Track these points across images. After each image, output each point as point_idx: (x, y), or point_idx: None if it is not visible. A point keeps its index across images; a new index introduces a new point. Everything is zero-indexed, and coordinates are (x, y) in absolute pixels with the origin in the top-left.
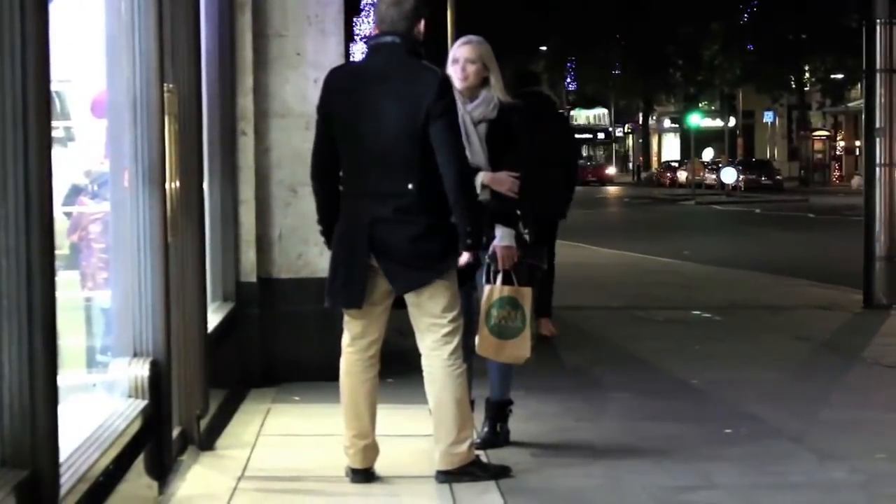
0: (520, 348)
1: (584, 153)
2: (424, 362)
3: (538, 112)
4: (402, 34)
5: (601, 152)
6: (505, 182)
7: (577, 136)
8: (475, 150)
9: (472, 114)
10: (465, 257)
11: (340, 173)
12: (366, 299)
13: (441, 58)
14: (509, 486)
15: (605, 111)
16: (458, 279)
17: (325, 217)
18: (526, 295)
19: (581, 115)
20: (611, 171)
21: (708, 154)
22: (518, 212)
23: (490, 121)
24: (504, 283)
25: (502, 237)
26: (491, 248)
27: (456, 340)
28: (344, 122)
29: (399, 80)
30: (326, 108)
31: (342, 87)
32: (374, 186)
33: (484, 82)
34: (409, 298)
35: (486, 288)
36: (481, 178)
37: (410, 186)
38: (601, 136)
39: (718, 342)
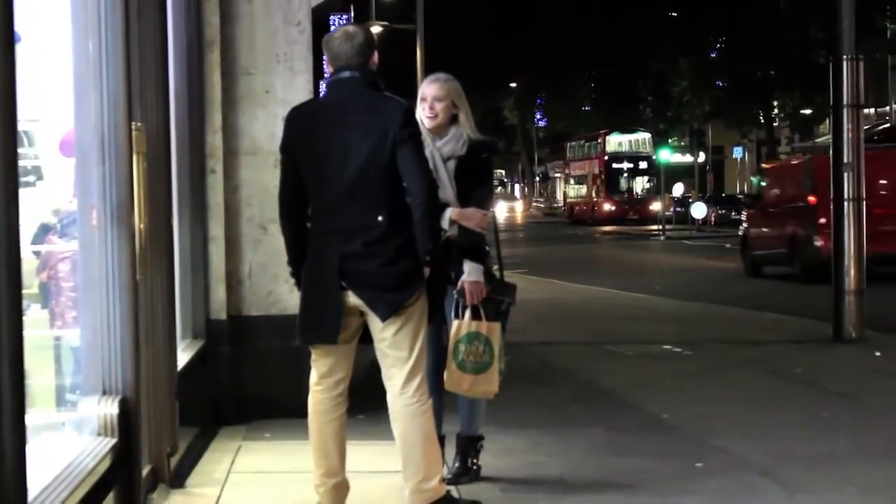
0: (487, 383)
1: (624, 185)
2: (389, 400)
3: None
4: (358, 67)
5: (644, 184)
6: (473, 217)
7: (613, 164)
8: (444, 186)
9: (441, 150)
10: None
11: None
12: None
13: (411, 94)
14: None
15: (647, 135)
16: (428, 311)
17: (295, 257)
18: (494, 330)
19: (616, 141)
20: (656, 206)
21: (678, 189)
22: (486, 247)
23: (459, 157)
24: (472, 318)
25: (470, 272)
26: (459, 284)
27: (420, 376)
28: (309, 161)
29: (362, 114)
30: (290, 148)
31: (304, 126)
32: (343, 222)
33: (453, 119)
34: (381, 332)
35: (455, 323)
36: (449, 213)
37: (380, 219)
38: (643, 164)
39: (689, 377)
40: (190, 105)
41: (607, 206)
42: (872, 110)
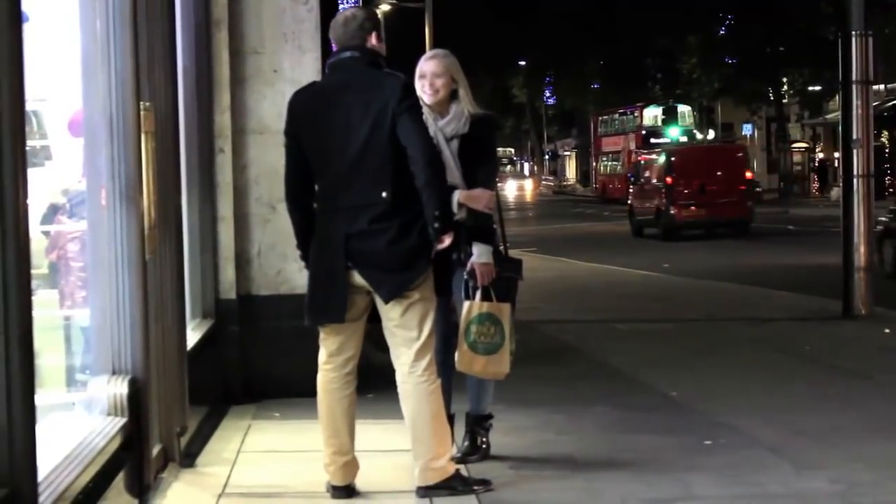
0: (499, 364)
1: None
2: (399, 379)
3: None
4: (358, 47)
5: None
6: (481, 199)
7: (651, 140)
8: (449, 168)
9: (444, 130)
10: (444, 243)
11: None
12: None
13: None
14: (490, 500)
15: (688, 108)
16: (436, 288)
17: (303, 237)
18: (505, 310)
19: (653, 115)
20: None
21: None
22: (495, 227)
23: (462, 136)
24: (483, 299)
25: (480, 254)
26: (469, 265)
27: (429, 355)
28: (312, 141)
29: (363, 91)
30: (294, 131)
31: (307, 108)
32: (348, 200)
33: (453, 95)
34: (388, 312)
35: (465, 304)
36: (457, 196)
37: (384, 195)
38: (683, 140)
39: (698, 354)
40: (198, 84)
41: None
42: (882, 86)
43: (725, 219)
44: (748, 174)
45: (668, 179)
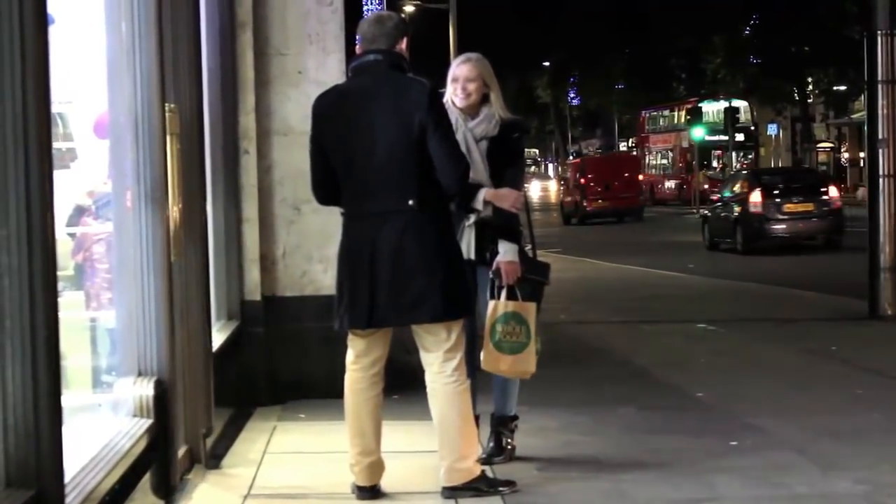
0: (525, 363)
1: (715, 164)
2: (428, 379)
3: None
4: (384, 51)
5: (740, 161)
6: (507, 198)
7: (707, 139)
8: (477, 167)
9: (473, 131)
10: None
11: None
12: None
13: (443, 75)
14: (515, 501)
15: (745, 104)
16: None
17: None
18: (530, 310)
19: (710, 110)
20: None
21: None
22: (520, 227)
23: (492, 138)
24: (508, 298)
25: (505, 252)
26: (495, 264)
27: (459, 356)
28: (338, 147)
29: (387, 96)
30: (319, 136)
31: (331, 112)
32: (375, 206)
33: (484, 99)
34: None
35: (491, 303)
36: (483, 194)
37: (411, 203)
38: (740, 137)
39: (723, 355)
40: (223, 86)
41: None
42: None
43: (623, 209)
44: (640, 176)
45: (582, 180)
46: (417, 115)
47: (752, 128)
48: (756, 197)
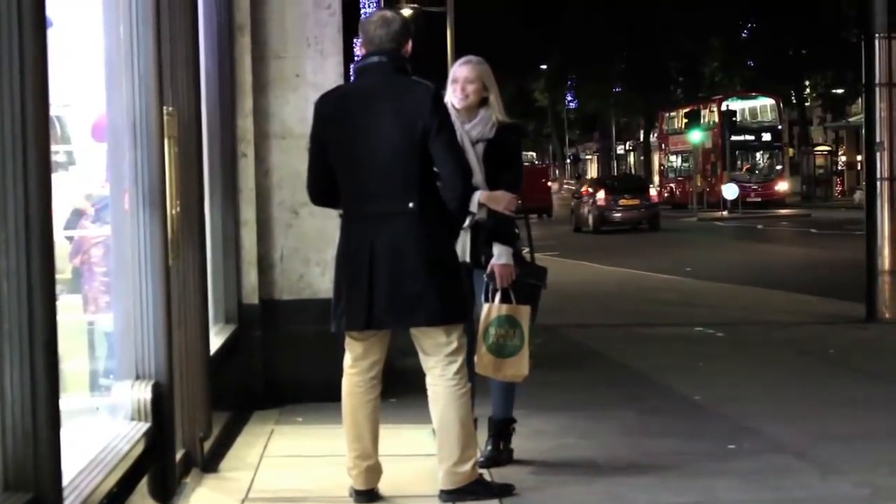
0: (518, 366)
1: (745, 162)
2: (429, 381)
3: None
4: (388, 53)
5: (766, 161)
6: (502, 200)
7: (732, 137)
8: (473, 169)
9: (470, 133)
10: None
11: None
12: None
13: (441, 77)
14: None
15: (771, 101)
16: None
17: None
18: (524, 313)
19: (738, 108)
20: (782, 186)
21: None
22: (516, 230)
23: (488, 140)
24: (502, 301)
25: (500, 255)
26: (489, 267)
27: (461, 360)
28: (339, 148)
29: (390, 99)
30: (320, 137)
31: (333, 113)
32: (375, 208)
33: (483, 102)
34: None
35: (485, 306)
36: (478, 196)
37: (411, 205)
38: (767, 137)
39: (721, 358)
40: (221, 89)
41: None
42: None
43: (536, 208)
44: (550, 183)
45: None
46: (421, 118)
47: (779, 127)
48: (601, 195)
